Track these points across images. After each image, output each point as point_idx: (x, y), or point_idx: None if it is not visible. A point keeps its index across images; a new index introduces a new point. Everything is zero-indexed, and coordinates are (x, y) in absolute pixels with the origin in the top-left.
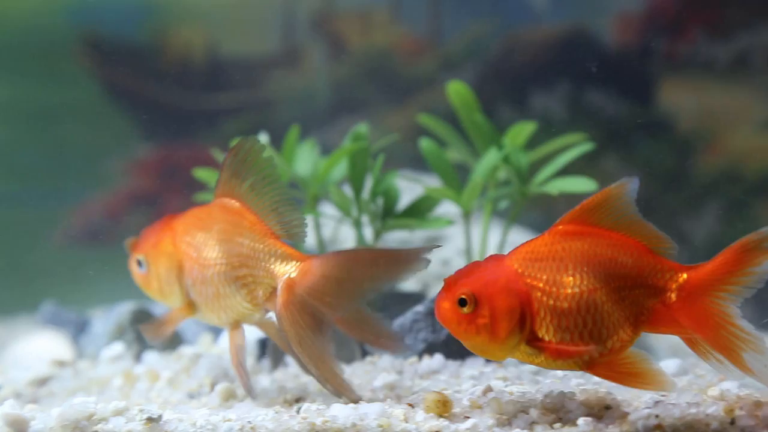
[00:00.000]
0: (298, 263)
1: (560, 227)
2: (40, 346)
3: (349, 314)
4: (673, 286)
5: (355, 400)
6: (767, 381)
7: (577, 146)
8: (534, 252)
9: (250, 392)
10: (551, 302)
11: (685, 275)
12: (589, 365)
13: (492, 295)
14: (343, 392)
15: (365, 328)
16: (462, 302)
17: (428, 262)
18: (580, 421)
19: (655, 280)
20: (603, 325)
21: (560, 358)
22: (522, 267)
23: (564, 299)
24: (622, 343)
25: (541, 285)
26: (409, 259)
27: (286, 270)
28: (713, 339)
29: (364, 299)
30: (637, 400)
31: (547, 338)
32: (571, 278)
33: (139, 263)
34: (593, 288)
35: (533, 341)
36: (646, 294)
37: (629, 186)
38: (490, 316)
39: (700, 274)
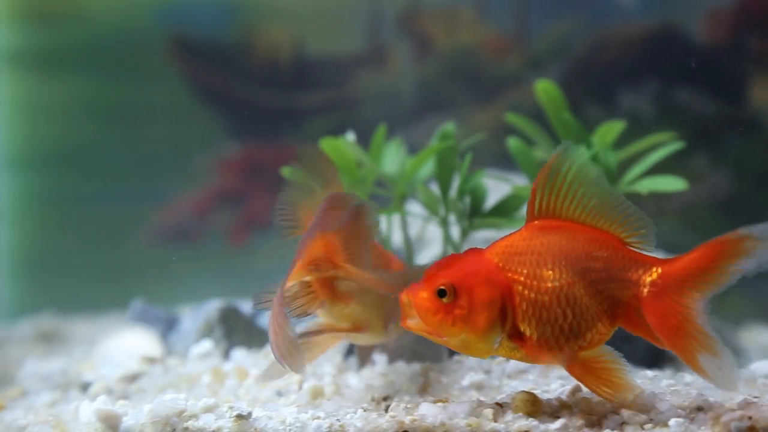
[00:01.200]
0: None
1: (536, 222)
2: (130, 343)
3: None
4: (647, 280)
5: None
6: (721, 385)
7: (666, 145)
8: (513, 246)
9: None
10: (533, 295)
11: (659, 269)
12: (568, 362)
13: (472, 286)
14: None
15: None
16: (441, 293)
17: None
18: (672, 422)
19: (630, 274)
20: (582, 317)
21: (535, 359)
22: (502, 261)
23: (545, 293)
24: (600, 336)
25: (522, 278)
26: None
27: None
28: (671, 338)
29: None
30: (729, 402)
31: (528, 332)
32: (550, 272)
33: None
34: (572, 281)
35: (514, 336)
36: (621, 288)
37: (567, 153)
38: (468, 307)
39: (674, 269)
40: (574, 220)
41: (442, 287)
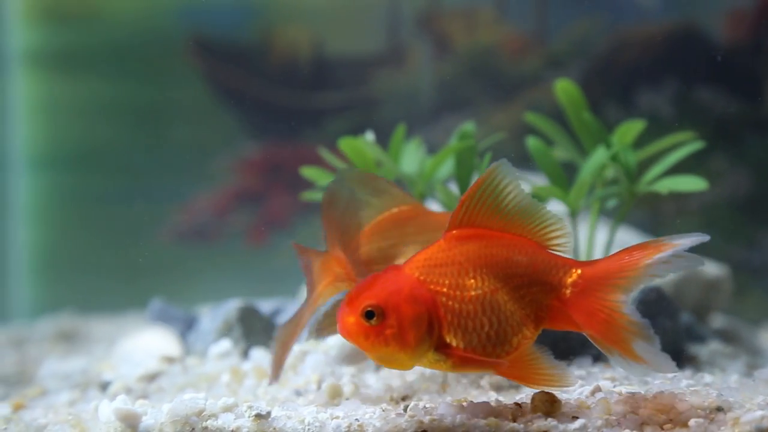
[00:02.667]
0: None
1: (454, 232)
2: (149, 342)
3: None
4: (568, 281)
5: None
6: (658, 368)
7: (686, 145)
8: (432, 259)
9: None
10: (457, 306)
11: (579, 271)
12: (495, 365)
13: (398, 304)
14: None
15: None
16: (369, 315)
17: None
18: (692, 422)
19: (551, 277)
20: (507, 324)
21: (467, 365)
22: (423, 274)
23: (469, 302)
24: (526, 339)
25: (445, 290)
26: None
27: None
28: (604, 333)
29: None
30: (749, 402)
31: (454, 342)
32: (472, 281)
33: None
34: (494, 288)
35: (441, 347)
36: (543, 291)
37: (501, 169)
38: (398, 326)
39: (593, 270)
40: (493, 228)
41: (369, 309)
